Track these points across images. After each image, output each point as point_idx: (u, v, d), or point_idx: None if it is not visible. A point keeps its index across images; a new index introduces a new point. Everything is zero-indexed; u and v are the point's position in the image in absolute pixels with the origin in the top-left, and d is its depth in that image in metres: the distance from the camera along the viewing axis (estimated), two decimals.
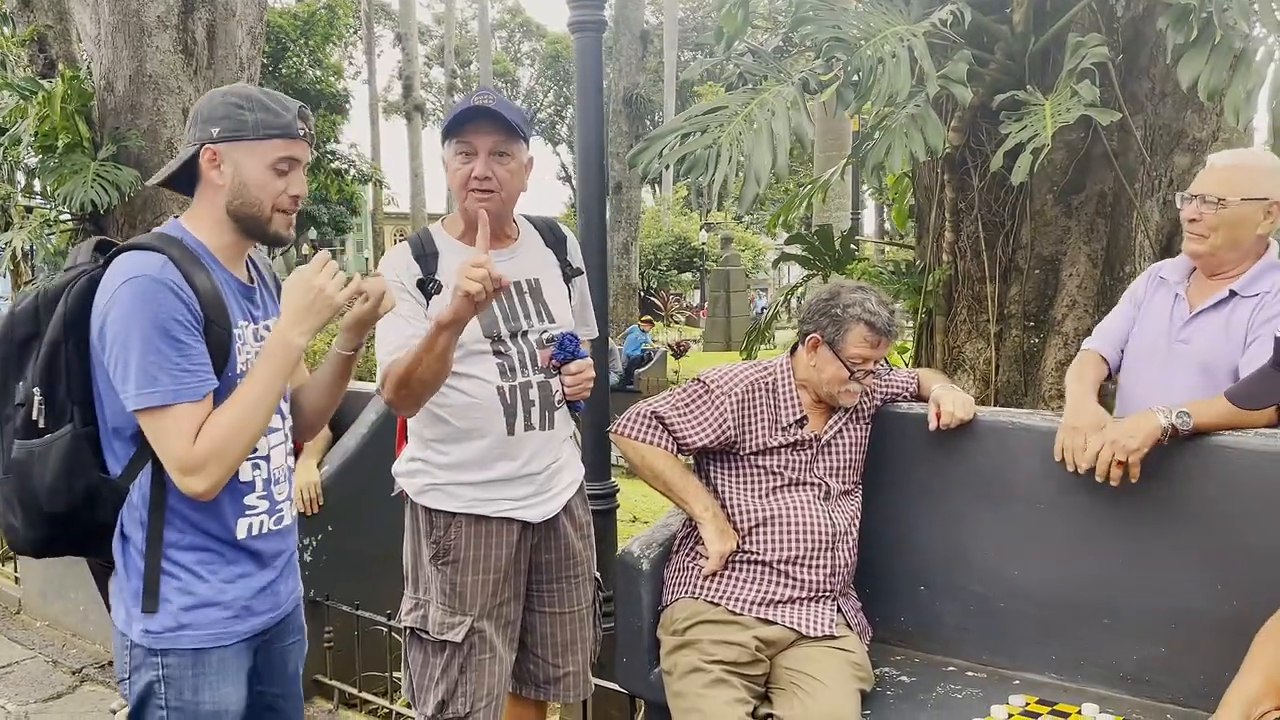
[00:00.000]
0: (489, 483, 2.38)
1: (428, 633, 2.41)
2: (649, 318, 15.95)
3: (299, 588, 2.10)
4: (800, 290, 6.68)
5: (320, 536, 3.59)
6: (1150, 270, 2.75)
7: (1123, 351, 2.68)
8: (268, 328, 1.92)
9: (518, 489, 2.40)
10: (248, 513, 1.88)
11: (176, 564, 1.80)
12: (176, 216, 1.89)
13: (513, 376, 2.37)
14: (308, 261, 1.88)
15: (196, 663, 1.82)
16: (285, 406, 2.01)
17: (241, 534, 1.87)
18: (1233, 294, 2.47)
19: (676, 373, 15.30)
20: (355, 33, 31.59)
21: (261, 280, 1.99)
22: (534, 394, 2.40)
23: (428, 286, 2.35)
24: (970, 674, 2.56)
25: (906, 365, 4.65)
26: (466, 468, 2.37)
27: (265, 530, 1.91)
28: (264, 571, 1.92)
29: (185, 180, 1.88)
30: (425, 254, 2.39)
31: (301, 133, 1.86)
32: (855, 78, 3.39)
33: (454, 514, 2.39)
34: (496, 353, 2.37)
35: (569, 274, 2.55)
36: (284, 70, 18.45)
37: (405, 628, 2.48)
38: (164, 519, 1.79)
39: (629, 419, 2.61)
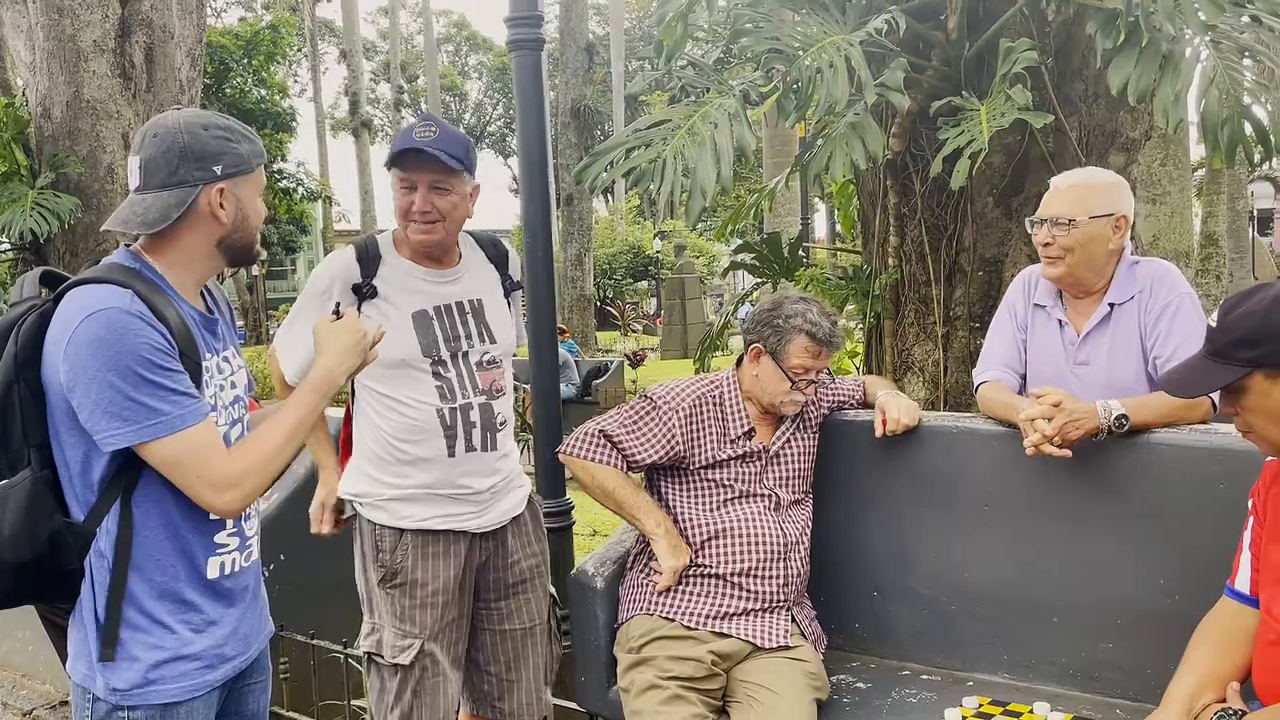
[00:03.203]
0: (434, 500, 2.40)
1: (383, 657, 2.41)
2: (561, 326, 15.52)
3: (269, 624, 2.04)
4: (754, 297, 6.73)
5: (273, 565, 3.54)
6: (1022, 282, 2.73)
7: (1023, 377, 2.68)
8: (226, 359, 1.89)
9: (462, 507, 2.43)
10: (219, 551, 1.82)
11: (145, 614, 1.74)
12: (128, 245, 1.81)
13: (452, 398, 2.39)
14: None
15: (165, 716, 1.76)
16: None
17: (213, 573, 1.81)
18: (1111, 306, 2.54)
19: (634, 382, 15.28)
20: (299, 50, 31.31)
21: (217, 308, 1.95)
22: (475, 415, 2.41)
23: (362, 289, 2.36)
24: (925, 677, 2.59)
25: (857, 369, 4.70)
26: (409, 488, 2.39)
27: (237, 568, 1.86)
28: (232, 612, 1.86)
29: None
30: (368, 256, 2.41)
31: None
32: (795, 88, 3.42)
33: (401, 532, 2.41)
34: (436, 374, 2.38)
35: (509, 288, 2.57)
36: (228, 90, 18.23)
37: (364, 653, 2.48)
38: (129, 565, 1.73)
39: (577, 439, 2.61)
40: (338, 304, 2.07)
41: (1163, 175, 8.67)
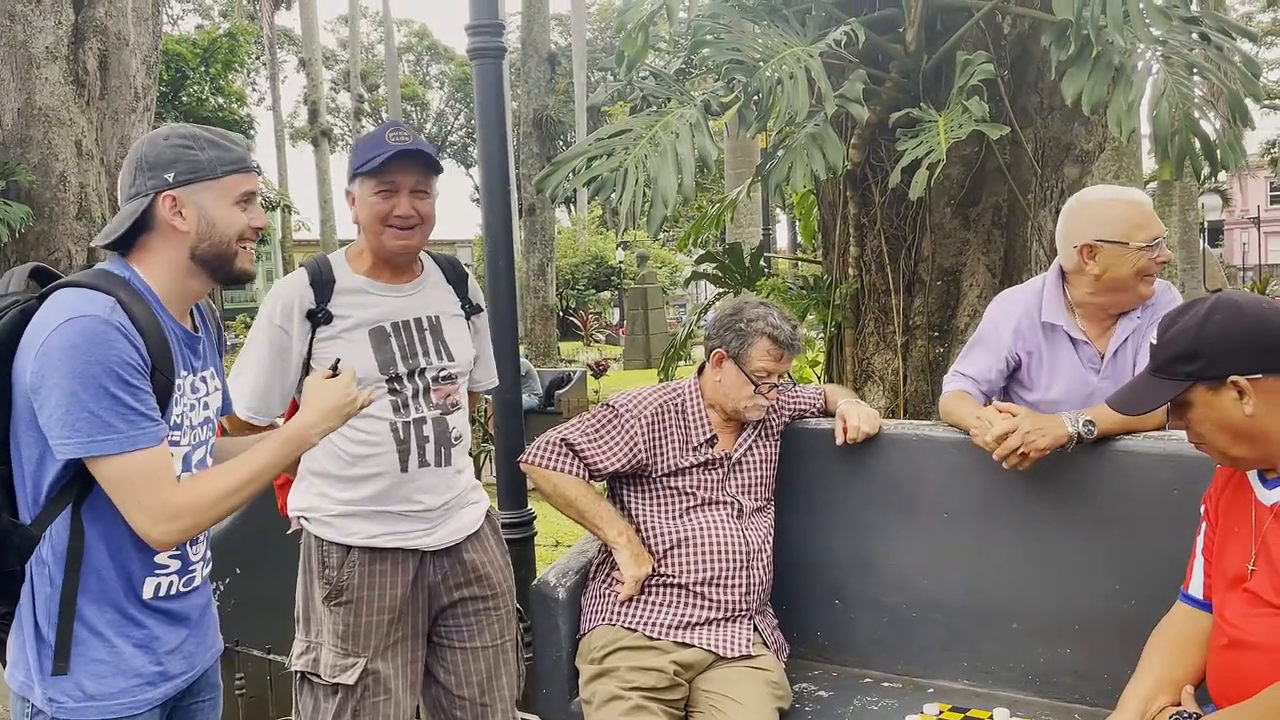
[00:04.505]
0: (383, 517, 2.34)
1: (319, 676, 2.35)
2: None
3: (218, 643, 2.01)
4: (716, 307, 6.76)
5: (227, 580, 3.49)
6: (1020, 306, 2.65)
7: (987, 396, 2.64)
8: (204, 379, 1.88)
9: (413, 524, 2.37)
10: (157, 572, 1.79)
11: (86, 627, 1.72)
12: (122, 255, 1.79)
13: (406, 412, 2.34)
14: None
15: None
16: (211, 463, 1.94)
17: (148, 594, 1.78)
18: (1136, 322, 2.55)
19: (597, 392, 15.26)
20: (258, 59, 31.05)
21: (205, 327, 1.93)
22: (428, 430, 2.36)
23: (317, 315, 2.32)
24: (886, 685, 2.60)
25: (818, 378, 4.72)
26: (361, 503, 2.33)
27: (174, 592, 1.83)
28: (175, 631, 1.83)
29: (123, 235, 1.79)
30: (322, 281, 2.35)
31: (255, 165, 1.86)
32: (756, 98, 3.43)
33: (348, 549, 2.35)
34: (391, 390, 2.33)
35: (469, 311, 2.53)
36: (184, 98, 18.07)
37: (296, 672, 2.42)
38: (79, 575, 1.70)
39: (538, 447, 2.60)
40: (337, 360, 2.01)
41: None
